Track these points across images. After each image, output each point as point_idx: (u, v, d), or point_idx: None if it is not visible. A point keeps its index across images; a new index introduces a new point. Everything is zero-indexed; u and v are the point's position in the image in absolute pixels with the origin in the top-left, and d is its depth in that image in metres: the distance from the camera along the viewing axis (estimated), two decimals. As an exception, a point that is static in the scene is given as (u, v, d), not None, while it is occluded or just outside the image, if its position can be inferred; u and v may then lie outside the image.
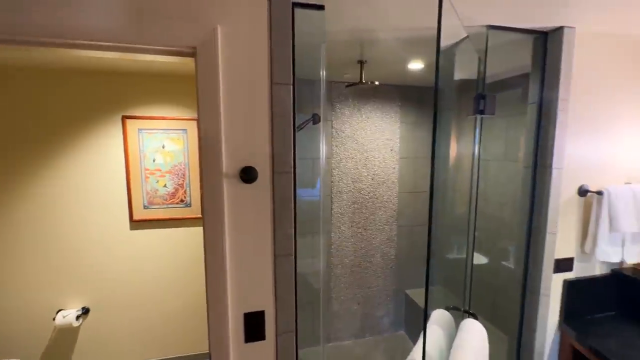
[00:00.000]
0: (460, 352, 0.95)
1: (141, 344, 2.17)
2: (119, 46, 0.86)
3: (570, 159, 1.32)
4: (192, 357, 2.26)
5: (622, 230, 1.26)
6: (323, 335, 1.69)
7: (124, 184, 2.01)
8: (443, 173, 2.03)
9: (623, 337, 1.28)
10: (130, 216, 2.02)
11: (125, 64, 1.77)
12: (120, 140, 1.98)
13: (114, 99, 1.97)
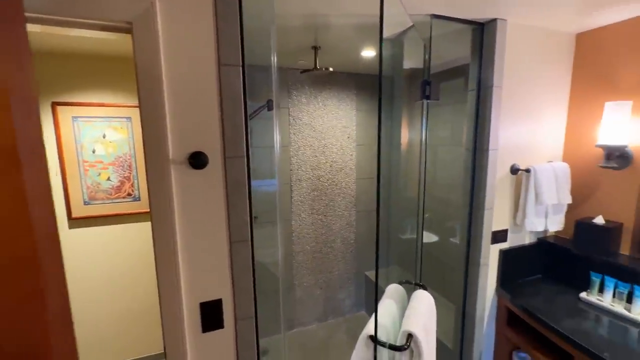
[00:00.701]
0: (410, 319, 1.03)
1: (89, 350, 2.01)
2: (42, 18, 0.76)
3: (503, 141, 1.46)
4: (148, 358, 2.15)
5: (545, 202, 1.44)
6: (284, 322, 1.71)
7: (58, 178, 1.81)
8: (396, 158, 2.13)
9: (546, 295, 1.48)
10: (69, 213, 1.84)
11: (53, 41, 1.57)
12: (51, 129, 1.77)
13: (41, 83, 1.74)
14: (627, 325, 1.24)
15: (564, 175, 1.49)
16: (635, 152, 1.37)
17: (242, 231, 1.01)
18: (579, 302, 1.41)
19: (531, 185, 1.44)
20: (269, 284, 2.38)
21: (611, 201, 1.46)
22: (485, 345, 1.61)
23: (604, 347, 1.11)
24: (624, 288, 1.32)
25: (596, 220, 1.44)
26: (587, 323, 1.27)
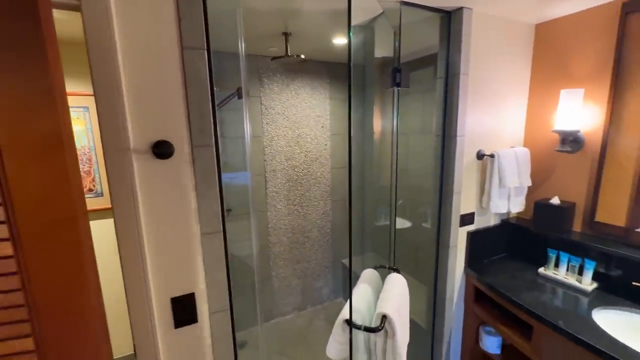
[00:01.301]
0: (384, 301, 1.06)
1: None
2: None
3: (470, 127, 1.52)
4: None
5: (508, 185, 1.52)
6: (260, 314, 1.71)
7: (7, 174, 1.65)
8: (369, 147, 2.16)
9: (509, 272, 1.58)
10: (22, 212, 1.69)
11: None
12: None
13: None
14: (578, 295, 1.36)
15: (524, 159, 1.58)
16: (586, 137, 1.47)
17: (213, 223, 0.98)
18: (538, 277, 1.52)
19: (495, 170, 1.52)
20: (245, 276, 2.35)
21: (566, 183, 1.57)
22: (455, 322, 1.70)
23: (559, 315, 1.21)
24: (576, 262, 1.43)
25: (552, 200, 1.54)
26: (544, 295, 1.37)
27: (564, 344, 1.17)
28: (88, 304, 0.69)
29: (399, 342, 1.02)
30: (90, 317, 0.70)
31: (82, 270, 0.67)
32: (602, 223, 1.44)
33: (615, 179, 1.39)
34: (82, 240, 0.67)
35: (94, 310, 0.71)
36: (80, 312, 0.68)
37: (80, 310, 0.68)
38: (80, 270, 0.67)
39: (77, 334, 0.69)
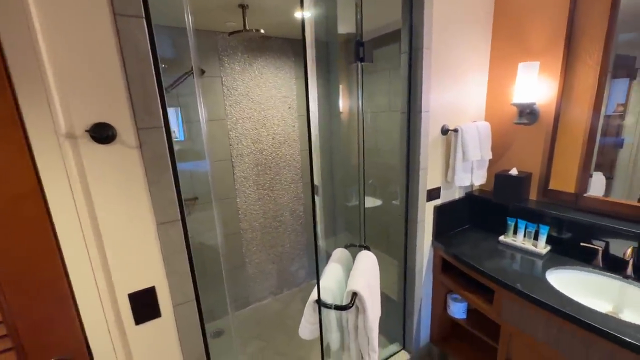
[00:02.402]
0: (354, 279, 1.06)
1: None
2: None
3: (434, 103, 1.53)
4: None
5: (470, 159, 1.57)
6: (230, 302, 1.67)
7: None
8: (336, 126, 2.12)
9: (472, 242, 1.65)
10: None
11: None
12: None
13: None
14: (534, 258, 1.46)
15: (485, 133, 1.63)
16: (541, 109, 1.54)
17: (170, 211, 0.91)
18: (498, 244, 1.61)
19: (459, 144, 1.55)
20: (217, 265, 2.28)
21: (524, 154, 1.65)
22: (424, 293, 1.77)
23: (517, 279, 1.29)
24: (532, 228, 1.53)
25: (511, 172, 1.61)
26: (504, 261, 1.45)
27: (520, 304, 1.25)
28: (52, 275, 0.77)
29: (370, 317, 1.04)
30: (55, 286, 0.77)
31: (45, 241, 0.75)
32: (555, 190, 1.54)
33: (567, 148, 1.47)
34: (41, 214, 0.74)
35: (58, 279, 0.78)
36: (45, 282, 0.76)
37: (44, 280, 0.76)
38: (43, 242, 0.75)
39: (43, 303, 0.76)
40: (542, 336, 1.21)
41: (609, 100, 1.36)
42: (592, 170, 1.44)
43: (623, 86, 1.34)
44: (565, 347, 1.14)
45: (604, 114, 1.37)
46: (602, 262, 1.34)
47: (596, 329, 1.01)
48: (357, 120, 1.48)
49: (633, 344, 0.94)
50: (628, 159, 1.36)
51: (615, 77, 1.34)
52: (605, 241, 1.36)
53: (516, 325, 1.30)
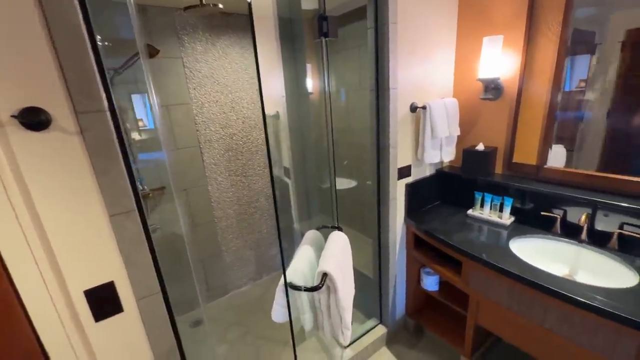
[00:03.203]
0: (325, 259, 1.06)
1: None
2: None
3: (403, 80, 1.51)
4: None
5: (439, 135, 1.58)
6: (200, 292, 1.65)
7: None
8: (305, 106, 2.07)
9: (442, 217, 1.70)
10: None
11: None
12: None
13: None
14: (499, 229, 1.52)
15: (453, 109, 1.64)
16: (505, 84, 1.56)
17: (123, 202, 0.85)
18: (467, 218, 1.66)
19: (427, 121, 1.56)
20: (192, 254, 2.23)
21: (489, 129, 1.68)
22: (398, 269, 1.82)
23: (483, 250, 1.34)
24: (497, 200, 1.58)
25: (478, 147, 1.65)
26: (471, 234, 1.50)
27: (486, 273, 1.31)
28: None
29: (342, 296, 1.04)
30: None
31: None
32: (518, 163, 1.59)
33: (528, 122, 1.51)
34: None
35: None
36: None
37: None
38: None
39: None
40: (506, 302, 1.28)
41: (572, 76, 1.40)
42: (552, 143, 1.49)
43: (585, 62, 1.37)
44: (526, 310, 1.21)
45: (565, 90, 1.41)
46: (560, 229, 1.41)
47: (552, 292, 1.07)
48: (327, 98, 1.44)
49: (584, 302, 1.00)
50: (588, 132, 1.42)
51: (576, 53, 1.37)
52: (563, 209, 1.44)
53: (482, 294, 1.37)
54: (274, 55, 1.84)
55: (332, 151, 1.47)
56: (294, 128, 2.03)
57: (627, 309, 0.95)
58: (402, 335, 1.95)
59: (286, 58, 1.84)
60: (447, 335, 1.73)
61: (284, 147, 2.13)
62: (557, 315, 1.12)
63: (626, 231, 1.24)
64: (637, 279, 1.09)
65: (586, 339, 1.06)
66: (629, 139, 1.31)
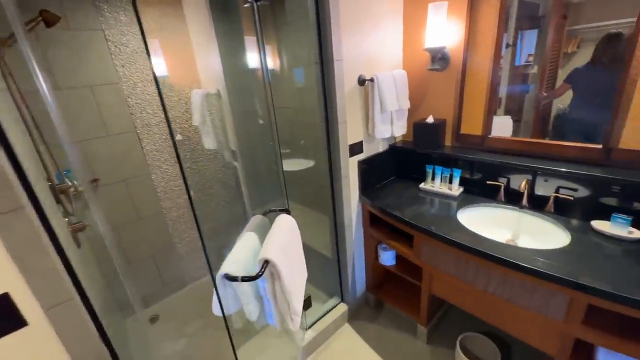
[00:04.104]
0: (267, 246, 0.99)
1: None
2: None
3: (349, 52, 1.42)
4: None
5: (388, 109, 1.54)
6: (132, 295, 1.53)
7: None
8: (248, 83, 1.93)
9: (396, 193, 1.69)
10: None
11: None
12: None
13: None
14: (449, 201, 1.54)
15: (402, 82, 1.59)
16: (452, 53, 1.53)
17: (9, 197, 0.71)
18: (419, 191, 1.67)
19: (376, 94, 1.50)
20: (139, 250, 2.08)
21: (438, 101, 1.67)
22: (356, 247, 1.81)
23: (432, 222, 1.35)
24: (447, 172, 1.60)
25: (428, 119, 1.63)
26: (423, 207, 1.51)
27: (435, 245, 1.32)
28: None
29: (287, 281, 0.99)
30: None
31: None
32: (465, 134, 1.60)
33: (474, 92, 1.51)
34: None
35: None
36: None
37: None
38: None
39: None
40: (454, 271, 1.31)
41: (521, 50, 1.40)
42: (498, 113, 1.51)
43: (533, 37, 1.37)
44: (471, 277, 1.25)
45: (516, 64, 1.41)
46: (504, 196, 1.46)
47: (493, 258, 1.10)
48: (262, 73, 1.32)
49: (520, 265, 1.04)
50: (531, 103, 1.44)
51: (523, 28, 1.36)
52: (507, 177, 1.47)
53: (433, 265, 1.39)
54: (205, 25, 1.66)
55: (275, 130, 1.38)
56: (238, 107, 1.89)
57: (558, 268, 1.00)
58: (364, 311, 1.98)
59: (221, 30, 1.67)
60: (405, 306, 1.77)
61: (229, 128, 1.99)
62: (499, 279, 1.16)
63: (561, 194, 1.30)
64: (569, 239, 1.15)
65: (524, 299, 1.11)
66: (548, 106, 1.34)
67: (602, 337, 0.97)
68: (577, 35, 1.24)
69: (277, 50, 2.35)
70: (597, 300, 0.93)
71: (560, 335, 1.08)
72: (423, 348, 1.68)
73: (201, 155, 2.23)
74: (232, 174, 2.42)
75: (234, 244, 1.10)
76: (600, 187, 1.22)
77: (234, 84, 1.84)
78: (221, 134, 2.08)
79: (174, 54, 1.91)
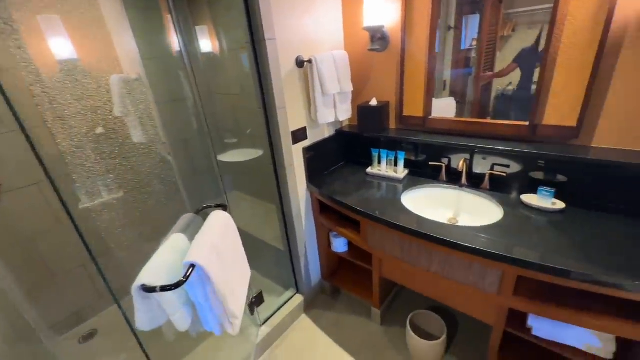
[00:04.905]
0: (193, 249, 0.89)
1: None
2: None
3: (284, 31, 1.32)
4: None
5: (330, 92, 1.47)
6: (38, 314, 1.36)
7: None
8: (174, 68, 1.74)
9: (344, 179, 1.66)
10: None
11: None
12: None
13: None
14: (395, 184, 1.53)
15: (343, 63, 1.53)
16: (391, 33, 1.49)
17: None
18: (367, 176, 1.65)
19: (316, 77, 1.42)
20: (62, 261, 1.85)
21: (381, 83, 1.64)
22: (308, 236, 1.77)
23: (377, 206, 1.33)
24: (392, 155, 1.59)
25: (372, 102, 1.60)
26: (369, 192, 1.49)
27: (381, 229, 1.31)
28: None
29: (220, 285, 0.90)
30: None
31: None
32: (408, 116, 1.59)
33: (413, 73, 1.49)
34: None
35: None
36: None
37: None
38: None
39: None
40: (400, 254, 1.31)
41: (466, 35, 1.39)
42: (441, 95, 1.51)
43: (475, 22, 1.36)
44: (415, 259, 1.26)
45: (462, 48, 1.40)
46: (446, 176, 1.48)
47: (432, 238, 1.11)
48: (187, 57, 1.17)
49: (456, 244, 1.05)
50: (473, 85, 1.45)
51: (466, 12, 1.37)
52: (448, 157, 1.50)
53: (380, 249, 1.39)
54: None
55: (204, 119, 1.25)
56: (164, 95, 1.71)
57: (490, 244, 1.02)
58: (321, 299, 1.96)
59: (132, 4, 1.46)
60: (359, 291, 1.77)
61: (156, 118, 1.80)
62: (440, 259, 1.17)
63: (496, 172, 1.34)
64: (502, 214, 1.19)
65: (463, 276, 1.14)
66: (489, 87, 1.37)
67: (531, 305, 1.02)
68: (512, 19, 1.26)
69: (213, 31, 2.15)
70: (525, 271, 0.97)
71: (496, 307, 1.13)
72: (377, 329, 1.71)
73: (132, 150, 2.00)
74: (171, 168, 2.22)
75: (157, 250, 0.98)
76: (528, 162, 1.28)
77: (157, 69, 1.65)
78: (149, 125, 1.87)
79: (83, 32, 1.64)
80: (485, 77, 1.39)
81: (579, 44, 1.05)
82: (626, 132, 1.08)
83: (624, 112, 1.06)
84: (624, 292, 0.84)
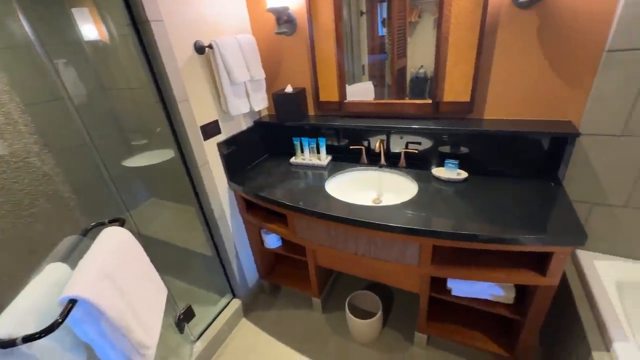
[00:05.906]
0: (74, 277, 0.73)
1: None
2: None
3: (173, 11, 1.15)
4: None
5: (239, 80, 1.35)
6: None
7: None
8: (27, 62, 1.43)
9: (267, 172, 1.57)
10: None
11: None
12: None
13: None
14: (320, 171, 1.51)
15: (250, 48, 1.42)
16: (297, 15, 1.43)
17: None
18: (291, 166, 1.59)
19: (220, 64, 1.29)
20: None
21: (295, 69, 1.57)
22: (237, 237, 1.65)
23: (301, 197, 1.29)
24: (313, 143, 1.55)
25: (287, 89, 1.53)
26: (293, 183, 1.44)
27: (307, 220, 1.28)
28: None
29: (117, 315, 0.76)
30: None
31: None
32: (325, 102, 1.56)
33: (324, 57, 1.46)
34: None
35: None
36: None
37: None
38: None
39: None
40: (328, 241, 1.30)
41: (381, 22, 1.37)
42: (355, 79, 1.50)
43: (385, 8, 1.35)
44: (343, 244, 1.26)
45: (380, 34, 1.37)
46: (366, 158, 1.51)
47: (353, 221, 1.11)
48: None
49: (375, 224, 1.07)
50: (389, 69, 1.46)
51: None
52: (367, 140, 1.52)
53: (309, 239, 1.35)
54: None
55: (80, 119, 1.03)
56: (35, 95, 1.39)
57: (406, 219, 1.06)
58: (261, 299, 1.88)
59: None
60: (298, 284, 1.74)
61: (27, 123, 1.46)
62: (364, 241, 1.19)
63: (410, 149, 1.40)
64: (417, 190, 1.26)
65: (386, 253, 1.17)
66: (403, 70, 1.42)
67: (448, 270, 1.10)
68: (417, 6, 1.29)
69: (97, 13, 1.81)
70: (438, 241, 1.03)
71: (419, 277, 1.20)
72: (320, 317, 1.71)
73: (2, 163, 1.60)
74: (61, 181, 1.85)
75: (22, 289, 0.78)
76: (435, 138, 1.36)
77: (17, 63, 1.32)
78: (15, 132, 1.51)
79: None
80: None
81: (465, 24, 1.13)
82: (510, 103, 1.21)
83: (506, 85, 1.19)
84: (519, 245, 0.94)
